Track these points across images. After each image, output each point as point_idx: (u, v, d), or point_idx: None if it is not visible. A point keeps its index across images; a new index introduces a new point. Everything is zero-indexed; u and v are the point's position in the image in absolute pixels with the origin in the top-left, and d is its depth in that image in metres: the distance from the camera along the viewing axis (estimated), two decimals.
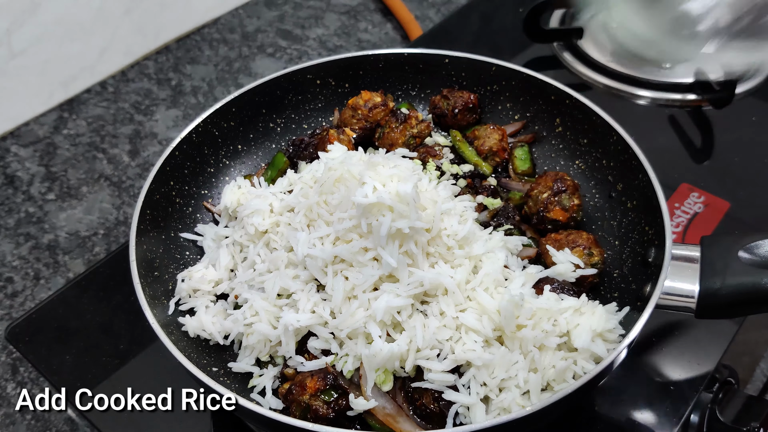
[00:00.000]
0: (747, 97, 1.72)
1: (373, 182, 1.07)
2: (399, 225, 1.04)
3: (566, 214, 1.27)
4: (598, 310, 1.08)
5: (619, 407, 1.19)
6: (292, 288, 1.13)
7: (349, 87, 1.53)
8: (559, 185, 1.28)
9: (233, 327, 1.15)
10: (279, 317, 1.12)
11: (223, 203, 1.33)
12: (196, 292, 1.22)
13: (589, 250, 1.20)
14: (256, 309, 1.13)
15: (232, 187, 1.34)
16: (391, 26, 2.20)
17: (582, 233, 1.23)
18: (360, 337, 1.07)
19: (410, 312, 1.07)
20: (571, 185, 1.29)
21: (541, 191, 1.30)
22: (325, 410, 1.02)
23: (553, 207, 1.27)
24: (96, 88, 2.01)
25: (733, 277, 1.02)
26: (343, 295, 1.07)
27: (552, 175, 1.31)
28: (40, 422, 1.34)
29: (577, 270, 1.17)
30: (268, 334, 1.11)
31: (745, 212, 1.47)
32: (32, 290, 1.55)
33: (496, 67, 1.46)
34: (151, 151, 1.85)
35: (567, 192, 1.28)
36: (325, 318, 1.08)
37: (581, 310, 1.08)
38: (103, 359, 1.31)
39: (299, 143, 1.42)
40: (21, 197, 1.74)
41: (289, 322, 1.08)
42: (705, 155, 1.63)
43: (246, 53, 2.13)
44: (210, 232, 1.32)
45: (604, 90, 1.77)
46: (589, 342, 1.03)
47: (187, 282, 1.22)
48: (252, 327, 1.13)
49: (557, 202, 1.27)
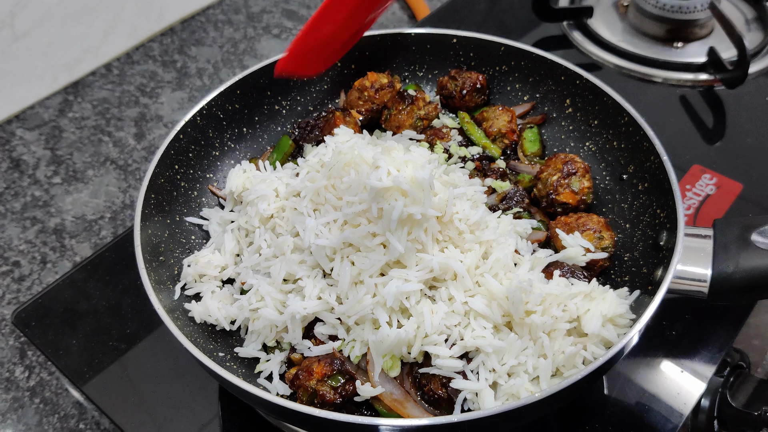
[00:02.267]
0: (760, 77, 1.69)
1: (388, 167, 1.05)
2: (411, 210, 1.02)
3: (576, 197, 1.25)
4: (609, 294, 1.07)
5: (629, 391, 1.18)
6: (298, 273, 1.12)
7: (356, 68, 1.52)
8: (569, 167, 1.26)
9: (239, 313, 1.14)
10: (285, 303, 1.11)
11: (228, 187, 1.32)
12: (202, 278, 1.21)
13: (600, 233, 1.18)
14: (262, 294, 1.12)
15: (237, 171, 1.33)
16: (398, 6, 2.17)
17: (593, 216, 1.21)
18: (367, 323, 1.06)
19: (419, 297, 1.06)
20: (581, 167, 1.27)
21: (550, 174, 1.28)
22: (332, 395, 1.02)
23: (563, 190, 1.25)
24: (101, 71, 2.00)
25: (746, 261, 1.00)
26: (350, 280, 1.06)
27: (562, 157, 1.29)
28: (48, 406, 1.34)
29: (588, 254, 1.16)
30: (275, 320, 1.10)
31: (758, 194, 1.45)
32: (39, 274, 1.55)
33: (504, 47, 1.44)
34: (157, 134, 1.84)
35: (577, 174, 1.26)
36: (331, 304, 1.08)
37: (591, 295, 1.06)
38: (110, 343, 1.31)
39: (305, 126, 1.40)
40: (27, 181, 1.73)
41: (296, 310, 1.07)
42: (717, 136, 1.60)
43: (251, 34, 2.11)
44: (215, 217, 1.31)
45: (615, 70, 1.74)
46: (600, 327, 1.02)
47: (193, 267, 1.21)
48: (258, 312, 1.12)
49: (567, 184, 1.26)
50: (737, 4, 1.88)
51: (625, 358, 1.21)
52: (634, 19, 1.82)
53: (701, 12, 1.73)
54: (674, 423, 1.14)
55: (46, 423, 1.32)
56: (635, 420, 1.15)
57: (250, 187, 1.28)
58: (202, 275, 1.21)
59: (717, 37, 1.76)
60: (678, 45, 1.76)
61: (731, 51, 1.63)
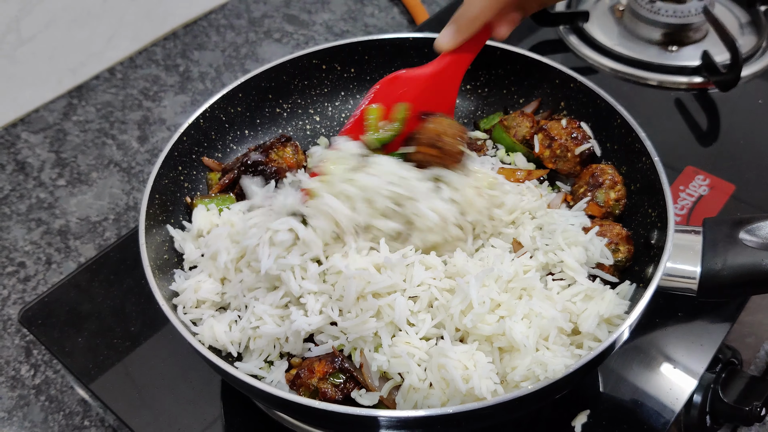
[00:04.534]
0: (753, 80, 1.72)
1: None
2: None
3: (601, 210, 1.25)
4: (608, 294, 1.08)
5: (622, 387, 1.20)
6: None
7: (355, 72, 1.54)
8: (594, 179, 1.27)
9: (242, 335, 1.12)
10: (283, 317, 1.10)
11: (195, 227, 1.26)
12: (201, 305, 1.18)
13: (616, 246, 1.17)
14: (259, 314, 1.11)
15: (201, 210, 1.28)
16: (397, 10, 2.20)
17: (615, 226, 1.20)
18: (368, 341, 1.07)
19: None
20: (609, 179, 1.26)
21: (580, 186, 1.29)
22: (334, 393, 1.03)
23: (588, 202, 1.26)
24: (105, 75, 2.03)
25: (734, 258, 1.03)
26: (355, 295, 1.06)
27: (592, 168, 1.29)
28: (53, 403, 1.37)
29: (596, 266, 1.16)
30: (276, 333, 1.09)
31: (751, 195, 1.48)
32: (44, 274, 1.58)
33: (500, 51, 1.46)
34: (160, 137, 1.87)
35: (603, 186, 1.26)
36: (334, 318, 1.07)
37: (591, 295, 1.09)
38: (114, 341, 1.33)
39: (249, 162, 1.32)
40: (32, 183, 1.76)
41: (301, 327, 1.06)
42: (711, 138, 1.63)
43: (253, 39, 2.14)
44: (188, 237, 1.26)
45: (610, 73, 1.77)
46: (595, 327, 1.04)
47: (194, 293, 1.17)
48: (258, 330, 1.10)
49: (593, 197, 1.26)
50: (731, 8, 1.90)
51: (618, 355, 1.23)
52: (629, 23, 1.85)
53: (695, 16, 1.75)
54: (666, 418, 1.16)
55: (51, 420, 1.35)
56: (628, 415, 1.17)
57: (206, 237, 1.23)
58: (203, 302, 1.18)
59: (711, 40, 1.79)
60: (673, 48, 1.79)
61: (725, 54, 1.66)
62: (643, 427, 1.15)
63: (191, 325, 1.14)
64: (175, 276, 1.21)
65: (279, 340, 1.11)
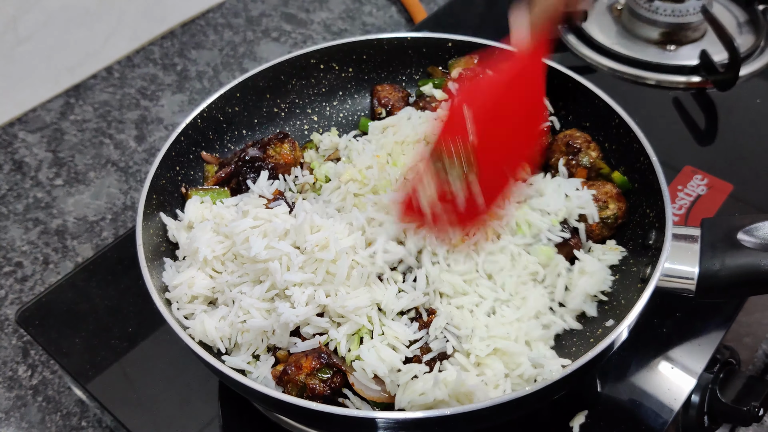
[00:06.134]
0: (751, 79, 1.72)
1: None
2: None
3: (587, 171, 1.27)
4: (599, 272, 1.13)
5: (620, 388, 1.20)
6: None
7: (353, 71, 1.54)
8: (570, 146, 1.29)
9: (231, 330, 1.12)
10: (270, 310, 1.10)
11: (186, 218, 1.26)
12: (194, 300, 1.18)
13: (605, 203, 1.19)
14: (246, 308, 1.11)
15: (194, 202, 1.28)
16: (395, 9, 2.20)
17: (605, 185, 1.23)
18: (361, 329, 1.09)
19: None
20: (581, 140, 1.28)
21: (557, 159, 1.30)
22: (322, 388, 1.04)
23: (575, 170, 1.28)
24: (102, 74, 2.02)
25: (732, 259, 1.03)
26: (346, 270, 1.08)
27: (561, 137, 1.31)
28: (51, 404, 1.37)
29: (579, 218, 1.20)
30: (264, 326, 1.09)
31: (749, 194, 1.47)
32: (41, 274, 1.58)
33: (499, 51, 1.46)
34: (157, 137, 1.86)
35: (582, 149, 1.27)
36: (323, 302, 1.08)
37: (585, 270, 1.12)
38: (112, 342, 1.33)
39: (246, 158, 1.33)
40: (29, 183, 1.76)
41: (288, 319, 1.06)
42: (709, 137, 1.63)
43: (251, 38, 2.14)
44: (181, 227, 1.26)
45: (609, 72, 1.77)
46: (581, 303, 1.11)
47: (188, 288, 1.16)
48: (246, 324, 1.10)
49: (576, 164, 1.28)
50: (729, 7, 1.90)
51: (616, 355, 1.23)
52: (627, 23, 1.85)
53: (693, 15, 1.75)
54: (665, 418, 1.16)
55: (48, 421, 1.34)
56: (626, 415, 1.17)
57: (190, 235, 1.23)
58: (195, 297, 1.17)
59: (709, 40, 1.78)
60: (671, 48, 1.79)
61: (723, 54, 1.65)
62: (641, 428, 1.15)
63: (184, 321, 1.13)
64: (165, 266, 1.20)
65: (266, 333, 1.11)
